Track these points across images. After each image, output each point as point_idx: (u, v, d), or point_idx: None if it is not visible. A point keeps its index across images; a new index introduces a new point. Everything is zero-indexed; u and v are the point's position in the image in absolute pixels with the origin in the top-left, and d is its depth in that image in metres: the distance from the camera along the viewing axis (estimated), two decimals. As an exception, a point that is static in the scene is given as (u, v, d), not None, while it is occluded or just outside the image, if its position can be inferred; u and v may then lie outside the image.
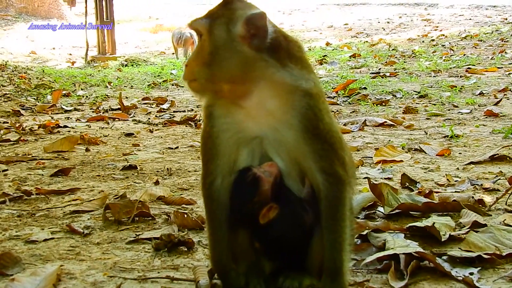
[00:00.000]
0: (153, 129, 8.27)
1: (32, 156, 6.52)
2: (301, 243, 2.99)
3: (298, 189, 2.97)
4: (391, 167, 5.68)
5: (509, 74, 12.43)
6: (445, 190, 4.83)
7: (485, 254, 3.35)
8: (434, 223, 3.70)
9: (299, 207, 2.95)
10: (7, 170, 5.93)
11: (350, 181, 2.96)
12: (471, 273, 3.16)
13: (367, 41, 22.25)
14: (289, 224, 2.95)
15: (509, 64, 14.09)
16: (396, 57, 16.53)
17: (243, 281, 3.00)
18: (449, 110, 8.96)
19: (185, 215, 4.17)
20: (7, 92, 11.68)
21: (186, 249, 3.70)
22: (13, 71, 14.74)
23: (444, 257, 3.37)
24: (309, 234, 2.98)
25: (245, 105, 2.85)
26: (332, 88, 11.18)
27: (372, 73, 13.49)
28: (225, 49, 2.78)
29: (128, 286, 3.16)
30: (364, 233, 3.72)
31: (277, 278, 3.03)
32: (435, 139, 6.98)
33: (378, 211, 4.28)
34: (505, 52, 16.00)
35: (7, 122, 8.77)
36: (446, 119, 8.21)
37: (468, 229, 3.73)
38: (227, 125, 2.91)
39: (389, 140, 6.92)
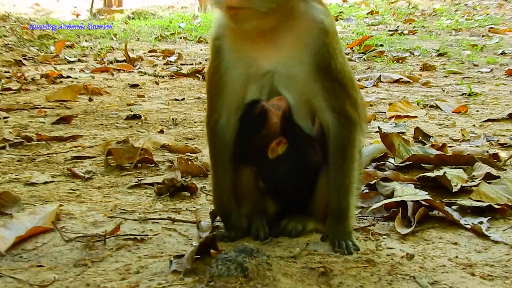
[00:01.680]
0: (159, 81, 8.30)
1: (34, 105, 6.60)
2: (308, 184, 3.03)
3: (308, 127, 2.99)
4: (405, 122, 5.70)
5: (533, 34, 12.33)
6: (460, 145, 4.85)
7: (496, 204, 3.39)
8: (445, 172, 3.73)
9: (308, 144, 2.99)
10: (7, 117, 6.00)
11: (360, 122, 2.99)
12: (481, 222, 3.19)
13: (386, -1, 22.02)
14: (297, 162, 2.98)
15: (535, 24, 13.96)
16: (415, 15, 16.39)
17: (245, 223, 3.06)
18: (468, 68, 8.93)
19: (189, 162, 4.22)
20: (9, 42, 11.74)
21: (189, 195, 3.76)
22: (15, 22, 14.76)
23: (454, 207, 3.41)
24: (316, 175, 3.02)
25: (262, 38, 2.86)
26: (347, 44, 11.14)
27: (390, 30, 13.41)
28: None
29: (129, 226, 3.22)
30: (372, 182, 3.76)
31: (281, 221, 3.09)
32: (452, 96, 6.97)
33: (389, 162, 4.31)
34: (531, 13, 15.84)
35: (9, 72, 8.83)
36: (465, 77, 8.19)
37: (480, 181, 3.75)
38: (237, 60, 2.93)
39: (404, 96, 6.92)
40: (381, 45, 11.04)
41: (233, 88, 2.96)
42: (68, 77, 8.58)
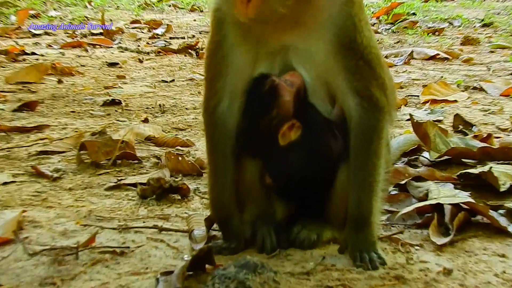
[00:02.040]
0: (143, 58, 8.32)
1: (-9, 88, 6.61)
2: (324, 179, 3.00)
3: (326, 110, 2.98)
4: (442, 107, 5.69)
5: None
6: (508, 135, 4.84)
7: (552, 208, 3.38)
8: (491, 168, 3.71)
9: (327, 130, 2.97)
10: (-41, 103, 6.02)
11: (389, 108, 2.97)
12: (533, 230, 3.19)
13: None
14: (312, 151, 2.96)
15: None
16: (455, -24, 16.40)
17: (248, 231, 3.05)
18: (519, 42, 8.94)
19: (180, 158, 4.21)
20: (-41, 12, 11.77)
21: (179, 198, 3.76)
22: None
23: (501, 211, 3.40)
24: (334, 169, 2.99)
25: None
26: (372, 12, 11.13)
27: (424, -5, 13.42)
28: None
29: (106, 236, 3.21)
30: (403, 181, 3.75)
31: (291, 228, 3.07)
32: (500, 76, 6.98)
33: (423, 156, 4.31)
34: None
35: (-40, 48, 8.86)
36: (515, 52, 8.19)
37: (534, 179, 3.75)
38: (244, 34, 2.93)
39: (442, 76, 6.92)
40: (414, 14, 11.06)
41: (239, 66, 2.97)
42: (33, 53, 8.60)
